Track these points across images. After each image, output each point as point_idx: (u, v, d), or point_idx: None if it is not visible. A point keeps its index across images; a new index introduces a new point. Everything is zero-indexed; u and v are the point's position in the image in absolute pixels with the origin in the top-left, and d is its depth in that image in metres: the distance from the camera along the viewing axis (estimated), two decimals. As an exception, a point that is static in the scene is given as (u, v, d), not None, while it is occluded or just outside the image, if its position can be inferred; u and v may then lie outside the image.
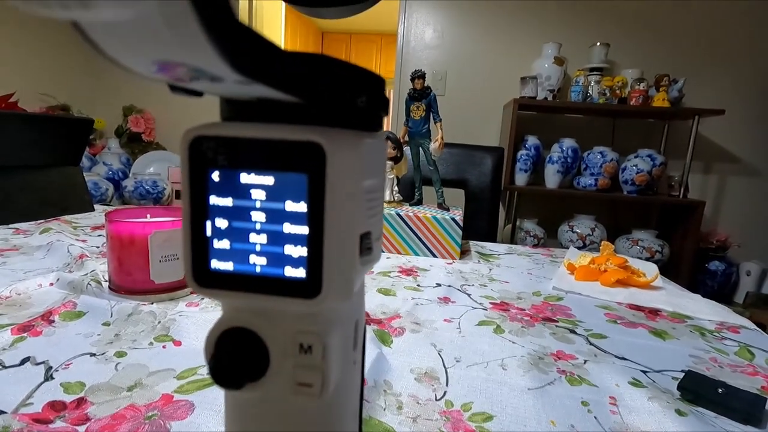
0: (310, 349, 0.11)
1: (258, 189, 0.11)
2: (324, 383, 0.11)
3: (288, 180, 0.10)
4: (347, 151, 0.10)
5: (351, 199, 0.10)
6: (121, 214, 0.52)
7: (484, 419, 0.33)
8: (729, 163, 2.19)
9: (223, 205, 0.11)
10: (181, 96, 0.10)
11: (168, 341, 0.41)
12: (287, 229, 0.11)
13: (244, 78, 0.08)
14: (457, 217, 0.78)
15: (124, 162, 2.38)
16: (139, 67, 0.08)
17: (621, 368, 0.42)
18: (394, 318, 0.50)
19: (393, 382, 0.37)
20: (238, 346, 0.11)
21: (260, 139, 0.10)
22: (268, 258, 0.11)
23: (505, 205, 2.23)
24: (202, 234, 0.11)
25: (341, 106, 0.11)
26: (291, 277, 0.11)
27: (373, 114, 0.12)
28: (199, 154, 0.11)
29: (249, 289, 0.11)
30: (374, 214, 0.12)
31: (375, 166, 0.12)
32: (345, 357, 0.12)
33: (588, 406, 0.35)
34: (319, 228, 0.10)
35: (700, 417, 0.34)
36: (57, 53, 2.38)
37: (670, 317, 0.57)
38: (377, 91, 0.11)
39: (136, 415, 0.30)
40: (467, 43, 2.26)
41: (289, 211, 0.11)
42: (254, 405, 0.12)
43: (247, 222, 0.11)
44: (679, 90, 1.93)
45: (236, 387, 0.11)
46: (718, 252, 2.13)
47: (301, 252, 0.11)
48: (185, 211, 0.11)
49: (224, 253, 0.11)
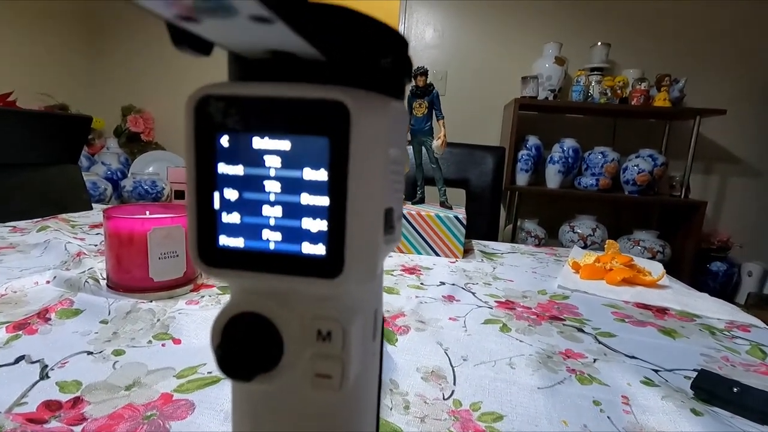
0: (329, 337, 0.10)
1: (272, 155, 0.10)
2: (344, 374, 0.10)
3: (307, 144, 0.09)
4: (373, 113, 0.09)
5: (376, 167, 0.09)
6: (120, 211, 0.51)
7: (494, 419, 0.32)
8: (730, 163, 2.18)
9: (232, 174, 0.10)
10: (186, 52, 0.09)
11: (167, 339, 0.40)
12: (305, 200, 0.10)
13: (263, 9, 0.07)
14: (460, 216, 0.77)
15: (122, 162, 2.37)
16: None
17: (632, 367, 0.41)
18: (398, 316, 0.49)
19: (399, 381, 0.36)
20: (248, 332, 0.10)
21: (276, 98, 0.09)
22: (283, 233, 0.10)
23: (505, 205, 2.22)
24: (209, 207, 0.10)
25: (364, 65, 0.10)
26: (309, 255, 0.10)
27: (396, 77, 0.11)
28: (207, 116, 0.10)
29: (261, 269, 0.10)
30: (398, 189, 0.11)
31: (399, 135, 0.11)
32: (365, 347, 0.11)
33: (600, 405, 0.34)
34: (342, 198, 0.09)
35: (716, 417, 0.33)
36: (56, 53, 2.37)
37: (678, 316, 0.56)
38: (402, 52, 0.10)
39: (134, 414, 0.29)
40: (468, 42, 2.26)
41: (307, 179, 0.09)
42: (266, 398, 0.11)
43: (260, 192, 0.10)
44: (681, 90, 1.92)
45: (246, 378, 0.10)
46: (719, 252, 2.12)
47: (321, 226, 0.09)
48: (190, 181, 0.10)
49: (234, 228, 0.10)
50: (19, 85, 2.02)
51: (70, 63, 2.46)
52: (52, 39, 2.33)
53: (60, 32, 2.37)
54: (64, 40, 2.40)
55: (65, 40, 2.41)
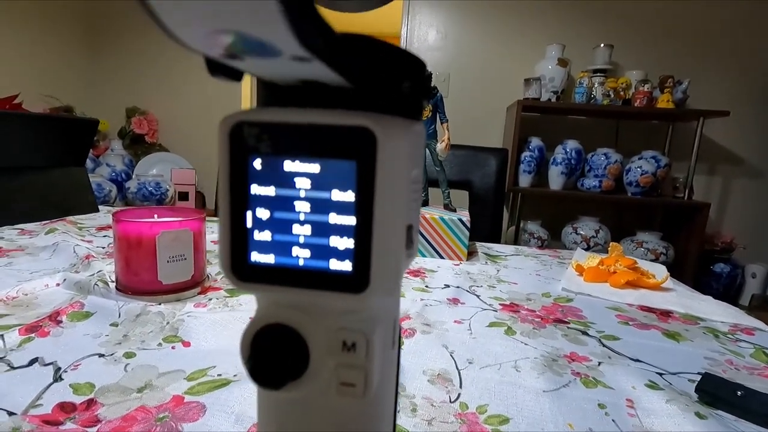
0: (353, 347, 0.10)
1: (303, 177, 0.10)
2: (367, 383, 0.11)
3: (335, 168, 0.10)
4: (398, 138, 0.10)
5: (400, 188, 0.10)
6: (129, 215, 0.51)
7: (501, 422, 0.32)
8: (734, 164, 2.18)
9: (264, 195, 0.10)
10: (220, 79, 0.10)
11: (177, 342, 0.40)
12: (333, 219, 0.10)
13: (307, 53, 0.07)
14: (464, 218, 0.77)
15: (127, 163, 2.38)
16: (193, 37, 0.07)
17: (636, 370, 0.41)
18: (404, 319, 0.49)
19: (406, 383, 0.36)
20: (277, 343, 0.10)
21: (306, 124, 0.10)
22: (312, 250, 0.10)
23: (508, 206, 2.22)
24: (241, 225, 0.10)
25: (387, 90, 0.10)
26: (336, 271, 0.10)
27: (416, 100, 0.11)
28: (240, 140, 0.10)
29: (291, 284, 0.10)
30: (417, 206, 0.11)
31: (418, 156, 0.11)
32: (386, 356, 0.12)
33: (605, 408, 0.34)
34: (368, 218, 0.10)
35: (720, 420, 0.34)
36: (61, 55, 2.38)
37: (682, 319, 0.56)
38: (420, 75, 0.11)
39: (147, 416, 0.30)
40: (471, 44, 2.26)
41: (335, 200, 0.10)
42: (292, 405, 0.12)
43: (291, 212, 0.10)
44: (684, 91, 1.92)
45: (276, 387, 0.10)
46: (723, 254, 2.12)
47: (348, 244, 0.10)
48: (224, 201, 0.10)
49: (265, 245, 0.11)
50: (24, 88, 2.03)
51: (75, 65, 2.48)
52: (56, 41, 2.34)
53: (64, 34, 2.39)
54: (68, 41, 2.42)
55: (69, 42, 2.43)
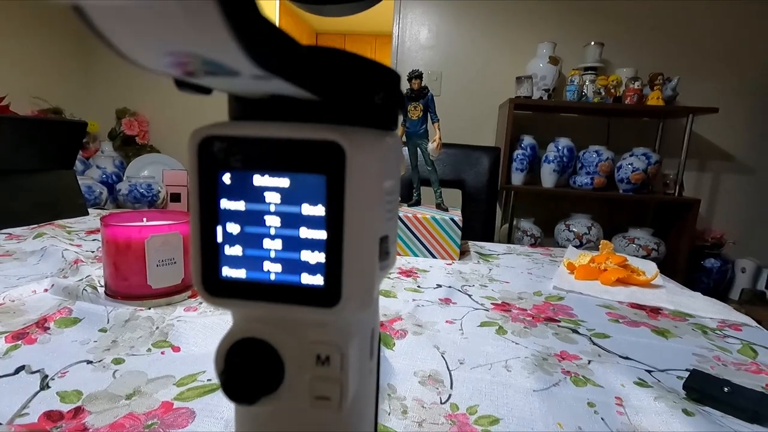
0: (327, 361, 0.10)
1: (272, 192, 0.10)
2: (343, 396, 0.10)
3: (305, 182, 0.10)
4: (367, 151, 0.10)
5: (371, 201, 0.10)
6: (117, 218, 0.51)
7: (491, 422, 0.32)
8: (723, 160, 2.20)
9: (234, 210, 0.10)
10: (188, 93, 0.09)
11: (167, 347, 0.40)
12: (304, 233, 0.10)
13: (264, 72, 0.07)
14: (456, 218, 0.77)
15: (117, 165, 2.36)
16: (148, 59, 0.07)
17: (625, 368, 0.41)
18: (395, 320, 0.49)
19: (397, 385, 0.36)
20: (250, 358, 0.10)
21: (275, 139, 0.10)
22: (283, 265, 0.10)
23: (501, 204, 2.23)
24: (212, 240, 0.10)
25: (358, 103, 0.10)
26: (308, 285, 0.10)
27: (389, 111, 0.11)
28: (210, 155, 0.10)
29: (263, 298, 0.10)
30: (392, 216, 0.11)
31: (393, 167, 0.11)
32: (362, 367, 0.12)
33: (594, 407, 0.35)
34: (339, 232, 0.10)
35: (707, 416, 0.34)
36: (49, 56, 2.35)
37: (671, 316, 0.57)
38: (394, 87, 0.11)
39: (135, 424, 0.29)
40: (462, 43, 2.26)
41: (305, 214, 0.10)
42: (268, 419, 0.12)
43: (261, 227, 0.10)
44: (673, 88, 1.94)
45: (250, 402, 0.10)
46: (713, 249, 2.14)
47: (319, 258, 0.10)
48: (194, 216, 0.10)
49: (236, 260, 0.10)
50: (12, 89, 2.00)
51: (63, 66, 2.44)
52: (44, 42, 2.31)
53: (52, 35, 2.36)
54: (56, 42, 2.39)
55: (58, 43, 2.40)
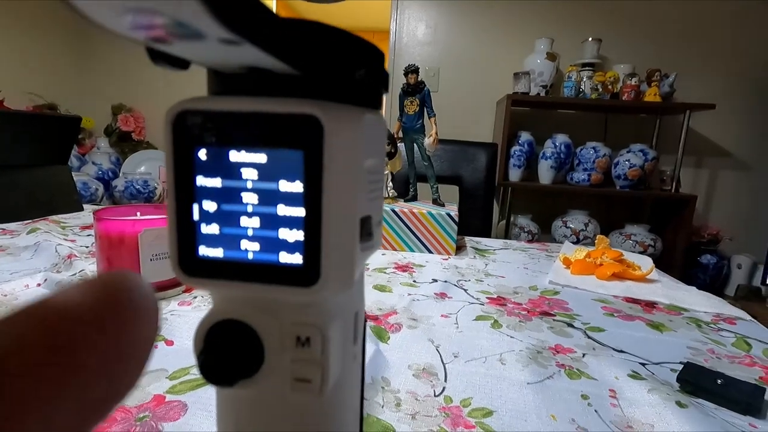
0: (308, 342, 0.10)
1: (249, 168, 0.10)
2: (324, 379, 0.10)
3: (282, 157, 0.10)
4: (346, 126, 0.09)
5: (351, 178, 0.10)
6: (111, 213, 0.51)
7: (484, 414, 0.32)
8: (720, 157, 2.21)
9: (211, 187, 0.10)
10: (164, 67, 0.09)
11: (160, 341, 0.40)
12: (282, 211, 0.10)
13: (231, 34, 0.07)
14: (453, 213, 0.77)
15: (114, 161, 2.35)
16: (111, 19, 0.07)
17: (620, 361, 0.41)
18: (390, 314, 0.49)
19: (391, 378, 0.36)
20: (229, 339, 0.10)
21: (251, 113, 0.09)
22: (261, 243, 0.10)
23: (498, 201, 2.23)
24: (188, 218, 0.10)
25: (338, 78, 0.10)
26: (286, 264, 0.10)
27: (372, 89, 0.11)
28: (184, 130, 0.10)
29: (240, 278, 0.10)
30: (375, 197, 0.11)
31: (375, 146, 0.11)
32: (345, 351, 0.12)
33: (588, 399, 0.35)
34: (317, 209, 0.10)
35: (701, 408, 0.34)
36: (44, 52, 2.33)
37: (666, 310, 0.57)
38: (377, 64, 0.11)
39: (126, 417, 0.29)
40: (460, 39, 2.26)
41: (283, 191, 0.10)
42: (248, 403, 0.11)
43: (238, 204, 0.10)
44: (671, 85, 1.94)
45: (228, 383, 0.10)
46: (709, 246, 2.15)
47: (297, 236, 0.10)
48: (170, 193, 0.10)
49: (213, 238, 0.10)
50: (7, 85, 1.99)
51: (59, 62, 2.43)
52: (40, 37, 2.30)
53: (48, 30, 2.34)
54: (52, 38, 2.37)
55: (53, 38, 2.38)
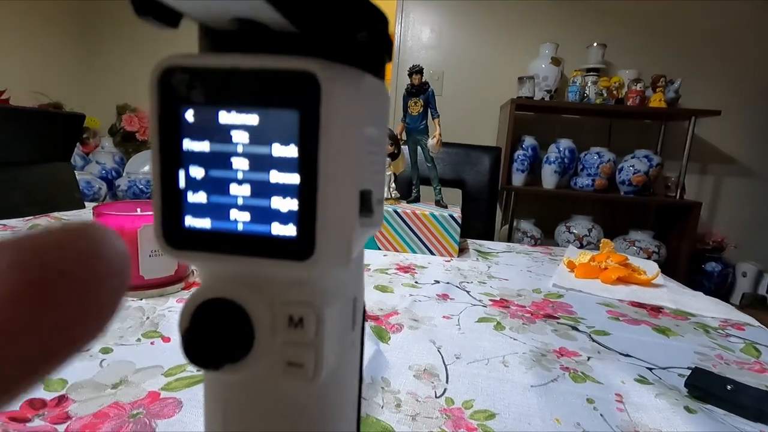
0: (301, 323, 0.10)
1: (240, 130, 0.09)
2: (317, 363, 0.10)
3: (275, 118, 0.09)
4: (346, 86, 0.09)
5: (350, 143, 0.09)
6: (110, 208, 0.50)
7: (486, 417, 0.31)
8: (725, 163, 2.19)
9: (198, 151, 0.09)
10: (151, 24, 0.09)
11: (156, 337, 0.39)
12: (274, 177, 0.09)
13: None
14: (455, 214, 0.76)
15: (117, 161, 2.36)
16: None
17: (626, 365, 0.40)
18: (391, 315, 0.49)
19: (391, 379, 0.35)
20: (217, 319, 0.09)
21: (243, 70, 0.09)
22: (251, 213, 0.09)
23: (502, 205, 2.22)
24: (174, 186, 0.10)
25: (338, 37, 0.09)
26: (279, 236, 0.09)
27: (374, 54, 0.10)
28: (171, 88, 0.09)
29: (230, 251, 0.10)
30: (376, 171, 0.10)
31: (377, 114, 0.10)
32: (342, 336, 0.11)
33: (594, 403, 0.34)
34: (313, 175, 0.09)
35: (710, 414, 0.33)
36: (50, 52, 2.35)
37: (672, 314, 0.56)
38: (381, 27, 0.10)
39: (120, 413, 0.29)
40: (465, 43, 2.26)
41: (276, 156, 0.09)
42: (238, 389, 0.11)
43: (227, 170, 0.09)
44: (676, 90, 1.93)
45: (214, 367, 0.09)
46: (714, 253, 2.13)
47: (291, 205, 0.09)
48: (154, 158, 0.09)
49: (200, 208, 0.10)
50: (13, 84, 2.00)
51: (64, 61, 2.44)
52: (46, 37, 2.31)
53: (54, 30, 2.36)
54: (58, 38, 2.39)
55: (59, 38, 2.40)
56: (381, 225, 0.11)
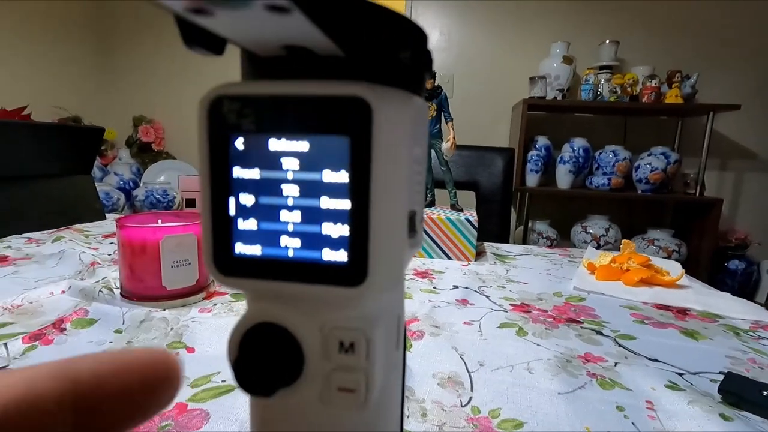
0: (352, 348, 0.09)
1: (290, 157, 0.09)
2: (369, 388, 0.09)
3: (326, 144, 0.09)
4: (396, 110, 0.09)
5: (400, 167, 0.09)
6: (132, 220, 0.51)
7: (515, 426, 0.31)
8: (746, 159, 2.14)
9: (248, 178, 0.09)
10: (198, 52, 0.09)
11: (181, 348, 0.40)
12: (325, 204, 0.09)
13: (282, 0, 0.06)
14: (472, 218, 0.76)
15: (134, 172, 2.40)
16: None
17: (655, 370, 0.39)
18: (412, 321, 0.48)
19: (415, 387, 0.35)
20: (267, 344, 0.09)
21: (292, 96, 0.09)
22: (302, 239, 0.09)
23: (516, 206, 2.20)
24: (224, 213, 0.09)
25: (383, 59, 0.09)
26: (330, 262, 0.09)
27: (416, 72, 0.10)
28: (220, 117, 0.09)
29: (280, 277, 0.09)
30: (419, 190, 0.10)
31: (421, 133, 0.10)
32: (389, 358, 0.11)
33: (624, 411, 0.33)
34: (365, 201, 0.09)
35: (746, 421, 0.32)
36: (69, 66, 2.41)
37: (700, 317, 0.54)
38: (421, 45, 0.10)
39: (149, 425, 0.29)
40: (474, 44, 2.25)
41: (327, 182, 0.09)
42: (286, 414, 0.11)
43: (278, 197, 0.09)
44: (692, 86, 1.89)
45: (266, 393, 0.09)
46: (737, 250, 2.07)
47: (342, 231, 0.09)
48: (204, 186, 0.09)
49: (251, 235, 0.10)
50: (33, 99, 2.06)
51: (82, 75, 2.50)
52: (63, 52, 2.37)
53: (71, 45, 2.42)
54: (75, 52, 2.45)
55: (76, 53, 2.46)
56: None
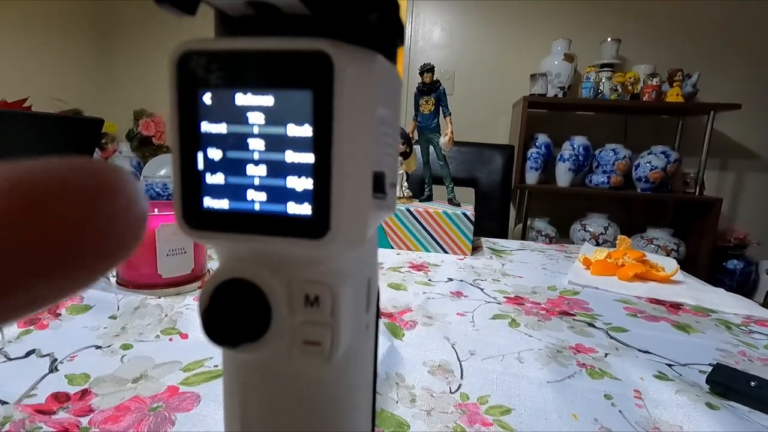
0: (317, 301, 0.10)
1: (256, 111, 0.09)
2: (334, 342, 0.10)
3: (290, 99, 0.09)
4: (358, 65, 0.09)
5: (363, 123, 0.09)
6: (129, 208, 0.51)
7: (502, 412, 0.31)
8: (746, 159, 2.13)
9: (216, 133, 0.10)
10: (169, 11, 0.09)
11: (175, 334, 0.40)
12: (290, 157, 0.09)
13: None
14: (468, 212, 0.76)
15: (135, 165, 2.41)
16: None
17: (645, 362, 0.40)
18: (405, 312, 0.49)
19: (405, 374, 0.35)
20: (235, 299, 0.10)
21: (257, 51, 0.09)
22: (268, 193, 0.10)
23: (515, 204, 2.20)
24: (193, 168, 0.10)
25: (350, 19, 0.09)
26: (295, 215, 0.09)
27: (386, 37, 0.10)
28: (189, 72, 0.09)
29: (247, 230, 0.10)
30: (388, 153, 0.11)
31: (389, 96, 0.10)
32: (357, 317, 0.11)
33: (612, 399, 0.33)
34: (327, 155, 0.09)
35: (733, 411, 0.32)
36: (68, 58, 2.41)
37: (693, 311, 0.54)
38: (391, 11, 0.10)
39: (140, 406, 0.29)
40: (476, 41, 2.24)
41: (291, 136, 0.09)
42: (255, 369, 0.11)
43: (244, 151, 0.10)
44: (693, 85, 1.88)
45: (232, 344, 0.10)
46: (736, 250, 2.07)
47: (306, 184, 0.09)
48: (174, 141, 0.10)
49: (218, 189, 0.10)
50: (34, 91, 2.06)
51: (83, 68, 2.51)
52: (64, 45, 2.37)
53: (72, 38, 2.42)
54: (76, 45, 2.45)
55: (77, 46, 2.46)
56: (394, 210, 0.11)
